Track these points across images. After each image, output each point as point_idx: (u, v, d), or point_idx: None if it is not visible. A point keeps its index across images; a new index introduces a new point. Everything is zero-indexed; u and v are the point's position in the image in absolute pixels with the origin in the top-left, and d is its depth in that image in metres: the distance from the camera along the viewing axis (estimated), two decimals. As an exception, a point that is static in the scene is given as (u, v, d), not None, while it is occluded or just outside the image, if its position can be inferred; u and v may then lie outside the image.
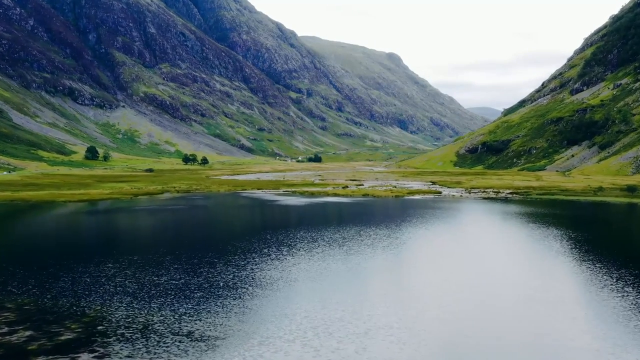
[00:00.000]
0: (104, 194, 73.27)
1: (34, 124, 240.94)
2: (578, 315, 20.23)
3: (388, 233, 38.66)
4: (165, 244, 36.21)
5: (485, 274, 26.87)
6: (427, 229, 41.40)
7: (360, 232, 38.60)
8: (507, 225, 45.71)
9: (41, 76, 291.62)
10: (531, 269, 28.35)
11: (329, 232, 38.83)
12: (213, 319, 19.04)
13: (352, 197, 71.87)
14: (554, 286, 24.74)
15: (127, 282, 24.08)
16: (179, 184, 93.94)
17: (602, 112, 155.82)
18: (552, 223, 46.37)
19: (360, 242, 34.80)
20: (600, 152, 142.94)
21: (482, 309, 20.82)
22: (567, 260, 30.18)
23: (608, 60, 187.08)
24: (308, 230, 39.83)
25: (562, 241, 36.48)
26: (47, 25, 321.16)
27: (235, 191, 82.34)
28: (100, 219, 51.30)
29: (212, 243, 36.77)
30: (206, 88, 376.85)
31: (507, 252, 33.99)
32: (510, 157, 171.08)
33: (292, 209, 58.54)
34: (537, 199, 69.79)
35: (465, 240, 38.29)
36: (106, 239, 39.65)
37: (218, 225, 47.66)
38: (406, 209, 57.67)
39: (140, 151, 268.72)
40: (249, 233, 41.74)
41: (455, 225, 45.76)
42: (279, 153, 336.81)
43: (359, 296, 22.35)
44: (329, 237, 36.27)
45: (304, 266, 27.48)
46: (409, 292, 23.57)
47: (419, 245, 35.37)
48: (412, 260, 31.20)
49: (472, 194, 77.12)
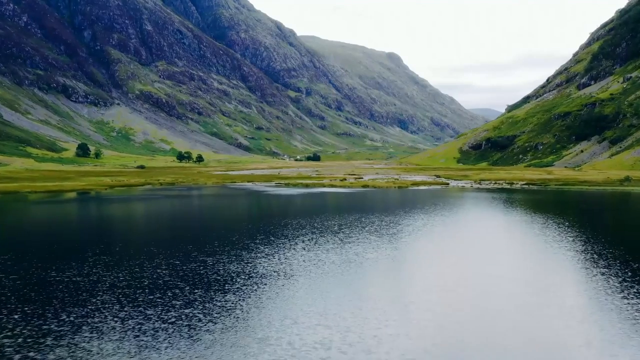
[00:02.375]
0: (79, 185, 66.90)
1: (25, 120, 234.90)
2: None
3: (392, 221, 32.11)
4: (122, 234, 29.83)
5: (521, 272, 20.41)
6: (441, 220, 34.85)
7: (358, 221, 32.07)
8: (535, 216, 38.96)
9: (34, 73, 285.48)
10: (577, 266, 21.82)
11: (321, 220, 32.31)
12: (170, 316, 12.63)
13: (351, 188, 65.22)
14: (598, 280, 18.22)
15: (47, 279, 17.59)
16: (164, 177, 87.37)
17: (613, 106, 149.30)
18: (590, 212, 39.96)
19: (358, 231, 28.29)
20: (611, 147, 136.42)
21: (509, 316, 14.41)
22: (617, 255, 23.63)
23: (617, 53, 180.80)
24: (296, 218, 33.38)
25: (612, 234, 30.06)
26: (41, 21, 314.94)
27: (224, 184, 75.71)
28: (54, 208, 44.63)
29: (180, 233, 30.23)
30: (203, 86, 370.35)
31: (553, 243, 27.40)
32: (516, 154, 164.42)
33: (281, 199, 51.97)
34: (559, 190, 63.08)
35: (492, 232, 31.74)
36: (47, 228, 33.04)
37: (192, 214, 41.05)
38: (412, 199, 50.92)
39: (134, 149, 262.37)
40: (225, 221, 35.27)
41: (476, 215, 39.01)
42: (277, 152, 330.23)
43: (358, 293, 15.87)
44: (320, 226, 29.76)
45: (282, 259, 20.99)
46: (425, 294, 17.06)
47: (432, 238, 28.79)
48: (424, 254, 24.64)
49: (483, 186, 70.54)
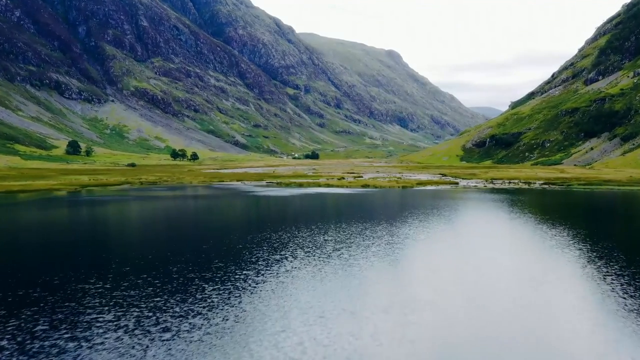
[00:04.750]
0: (47, 185, 60.66)
1: (15, 117, 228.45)
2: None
3: (407, 237, 25.77)
4: (62, 241, 23.59)
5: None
6: (475, 233, 28.45)
7: (358, 234, 25.76)
8: (595, 227, 32.25)
9: (26, 69, 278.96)
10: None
11: (306, 231, 25.99)
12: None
13: (349, 188, 58.80)
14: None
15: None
16: (148, 175, 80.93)
17: (623, 102, 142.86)
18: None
19: (358, 253, 21.97)
20: (623, 144, 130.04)
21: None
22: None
23: (625, 48, 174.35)
24: (281, 225, 27.08)
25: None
26: (34, 17, 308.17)
27: (210, 183, 69.22)
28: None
29: (138, 241, 23.89)
30: (200, 83, 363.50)
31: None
32: (521, 151, 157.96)
33: (266, 201, 45.43)
34: (585, 191, 56.49)
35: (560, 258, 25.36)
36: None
37: (148, 220, 34.61)
38: (422, 201, 44.12)
39: (128, 147, 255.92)
40: (194, 228, 28.99)
41: (520, 227, 32.17)
42: (275, 150, 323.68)
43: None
44: (302, 241, 23.47)
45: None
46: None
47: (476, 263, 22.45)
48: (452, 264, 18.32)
49: (496, 185, 64.16)
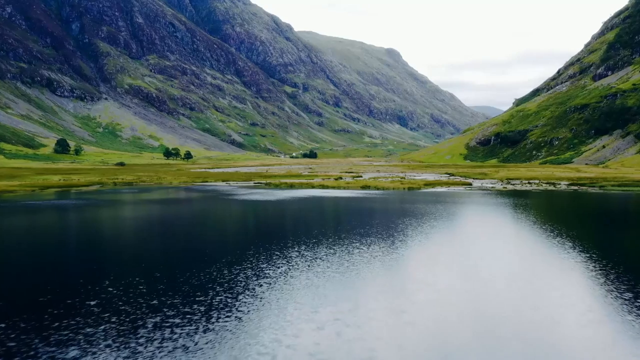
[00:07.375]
0: (10, 185, 53.85)
1: (3, 115, 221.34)
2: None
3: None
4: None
5: None
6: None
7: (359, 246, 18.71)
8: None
9: (17, 66, 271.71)
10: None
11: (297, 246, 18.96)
12: None
13: (347, 190, 51.70)
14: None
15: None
16: (127, 175, 73.92)
17: (637, 97, 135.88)
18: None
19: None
20: (637, 142, 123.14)
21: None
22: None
23: (635, 42, 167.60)
24: (257, 238, 20.08)
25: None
26: (26, 13, 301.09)
27: (192, 184, 62.12)
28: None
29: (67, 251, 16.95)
30: (196, 81, 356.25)
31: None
32: (528, 149, 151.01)
33: (244, 206, 38.19)
34: (623, 193, 49.20)
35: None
36: None
37: (85, 233, 27.48)
38: (447, 208, 35.92)
39: (121, 145, 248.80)
40: (137, 240, 22.02)
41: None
42: (272, 149, 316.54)
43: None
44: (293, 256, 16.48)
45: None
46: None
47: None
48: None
49: (516, 186, 57.11)
